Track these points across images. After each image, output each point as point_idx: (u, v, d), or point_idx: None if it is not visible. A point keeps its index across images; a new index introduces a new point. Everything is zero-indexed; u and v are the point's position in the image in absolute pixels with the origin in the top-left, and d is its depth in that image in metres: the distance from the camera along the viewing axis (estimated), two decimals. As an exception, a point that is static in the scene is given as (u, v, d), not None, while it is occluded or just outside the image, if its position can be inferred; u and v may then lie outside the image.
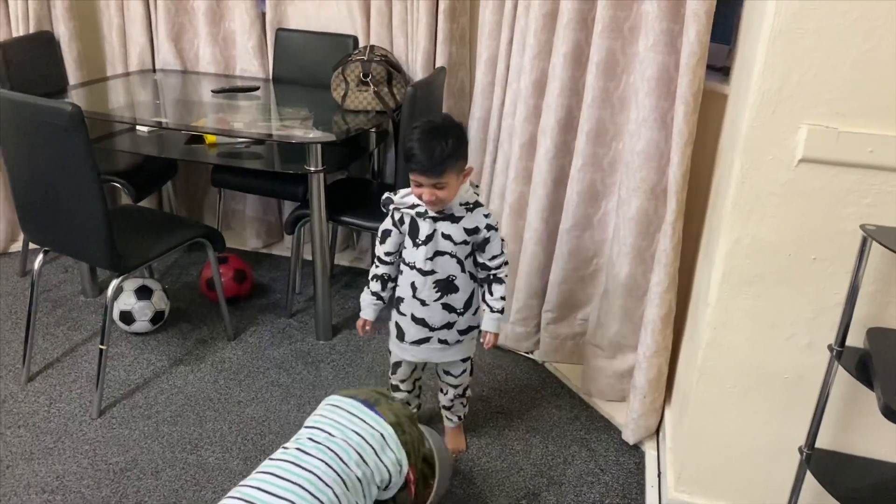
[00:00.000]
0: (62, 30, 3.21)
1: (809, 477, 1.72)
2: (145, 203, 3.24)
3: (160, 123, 2.73)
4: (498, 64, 2.66)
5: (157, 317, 2.80)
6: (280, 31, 3.22)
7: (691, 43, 1.99)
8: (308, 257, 2.84)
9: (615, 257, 2.36)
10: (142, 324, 2.78)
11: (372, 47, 2.88)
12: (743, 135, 1.67)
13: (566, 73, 2.35)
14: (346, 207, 2.79)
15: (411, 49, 2.98)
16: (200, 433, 2.35)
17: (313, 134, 2.58)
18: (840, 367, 1.62)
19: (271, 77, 3.29)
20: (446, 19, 2.86)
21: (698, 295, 2.12)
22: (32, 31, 3.16)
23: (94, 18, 3.37)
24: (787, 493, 1.81)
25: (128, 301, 2.74)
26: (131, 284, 2.76)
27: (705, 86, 2.09)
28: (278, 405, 2.49)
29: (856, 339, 1.67)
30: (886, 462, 1.77)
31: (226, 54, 3.34)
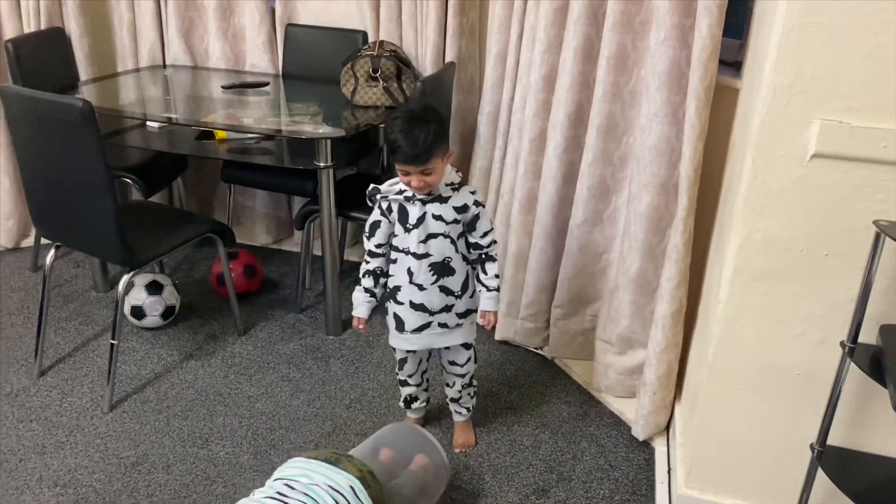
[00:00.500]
0: (73, 26, 3.22)
1: (821, 474, 1.71)
2: (156, 199, 3.25)
3: (170, 119, 2.74)
4: (508, 58, 2.66)
5: (167, 312, 2.81)
6: (290, 27, 3.22)
7: (703, 37, 1.98)
8: (318, 253, 2.84)
9: (626, 253, 2.35)
10: (152, 319, 2.79)
11: (381, 42, 2.87)
12: (755, 130, 1.66)
13: (576, 67, 2.34)
14: (356, 203, 2.79)
15: (421, 44, 2.97)
16: (211, 428, 2.36)
17: (323, 129, 2.58)
18: (852, 363, 1.61)
19: (281, 73, 3.29)
20: (456, 14, 2.86)
21: (709, 291, 2.11)
22: (44, 27, 3.18)
23: (104, 14, 3.38)
24: (798, 491, 1.80)
25: (139, 296, 2.75)
26: (142, 280, 2.77)
27: (717, 80, 2.08)
28: (288, 400, 2.50)
29: (868, 335, 1.65)
30: (899, 459, 1.76)
31: (236, 50, 3.35)
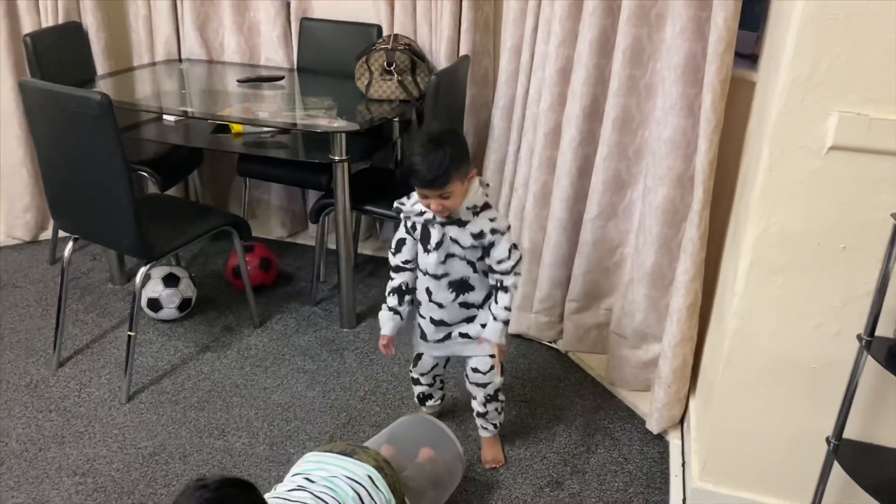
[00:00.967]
0: (90, 20, 3.24)
1: (836, 467, 1.71)
2: (172, 192, 3.27)
3: (186, 113, 2.75)
4: (522, 52, 2.65)
5: (184, 304, 2.84)
6: (304, 21, 3.22)
7: (719, 29, 1.97)
8: (332, 246, 2.86)
9: (640, 246, 2.35)
10: (169, 311, 2.82)
11: (396, 36, 2.88)
12: (771, 122, 1.65)
13: (592, 60, 2.33)
14: (370, 196, 2.80)
15: (435, 37, 2.97)
16: (227, 419, 2.38)
17: (337, 123, 2.59)
18: (869, 356, 1.60)
19: (296, 66, 3.30)
20: (470, 7, 2.85)
21: (725, 284, 2.10)
22: (61, 21, 3.20)
23: (121, 8, 3.39)
24: (814, 484, 1.80)
25: (155, 289, 2.77)
26: (159, 272, 2.80)
27: (733, 73, 2.07)
28: (303, 391, 2.52)
29: (885, 328, 1.65)
30: (916, 453, 1.76)
31: (251, 44, 3.36)
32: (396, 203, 1.97)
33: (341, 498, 1.58)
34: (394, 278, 2.06)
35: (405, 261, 2.02)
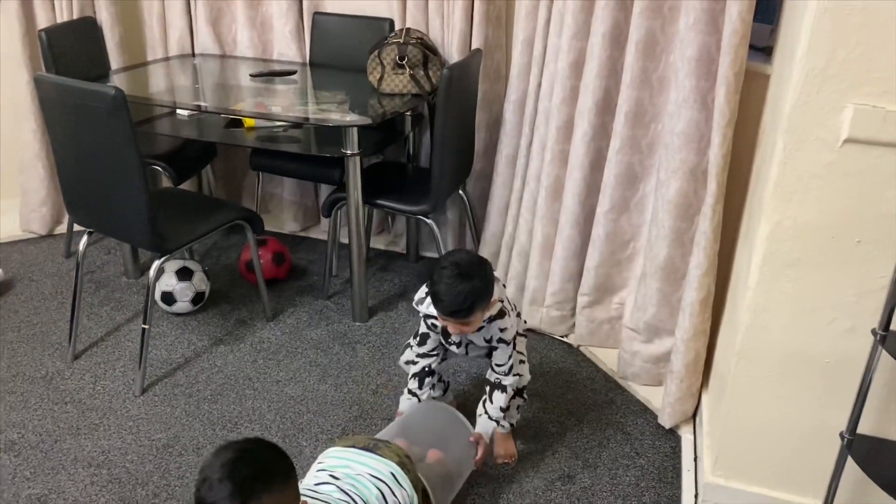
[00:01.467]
0: (104, 15, 3.26)
1: (850, 463, 1.69)
2: (185, 186, 3.29)
3: (200, 107, 2.77)
4: (535, 45, 2.64)
5: (197, 298, 2.85)
6: (317, 15, 3.23)
7: (733, 22, 1.96)
8: (344, 240, 2.86)
9: (653, 240, 2.34)
10: (183, 304, 2.83)
11: (408, 30, 2.87)
12: (786, 115, 1.64)
13: (604, 53, 2.32)
14: (382, 191, 2.80)
15: (447, 31, 2.97)
16: (240, 411, 2.39)
17: (350, 117, 2.59)
18: (884, 351, 1.59)
19: (308, 61, 3.31)
20: (482, 1, 2.84)
21: (738, 278, 2.09)
22: (76, 17, 3.22)
23: (134, 4, 3.41)
24: (827, 479, 1.78)
25: (169, 282, 2.79)
26: (172, 266, 2.81)
27: (747, 66, 2.06)
28: (316, 385, 2.53)
29: (900, 323, 1.64)
30: (931, 449, 1.74)
31: (263, 38, 3.37)
32: (414, 304, 2.06)
33: (365, 497, 1.60)
34: (417, 363, 2.16)
35: (431, 350, 2.14)
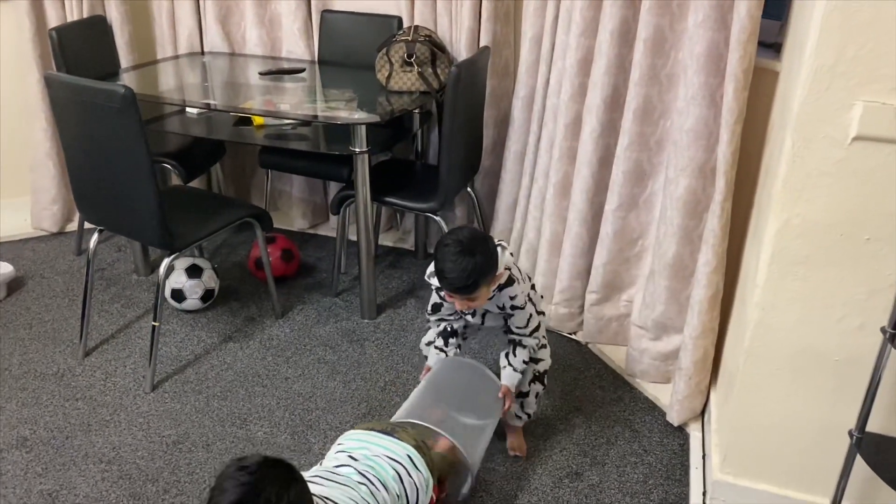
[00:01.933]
0: (114, 14, 3.28)
1: (859, 461, 1.69)
2: (195, 184, 3.31)
3: (209, 105, 2.78)
4: (543, 42, 2.64)
5: (207, 295, 2.87)
6: (325, 13, 3.23)
7: (742, 18, 1.95)
8: (353, 237, 2.87)
9: (662, 237, 2.34)
10: (192, 302, 2.85)
11: (416, 27, 2.88)
12: (794, 112, 1.63)
13: (613, 50, 2.32)
14: (390, 188, 2.81)
15: (455, 29, 2.97)
16: (249, 408, 2.40)
17: (358, 115, 2.60)
18: (893, 349, 1.58)
19: (317, 59, 3.32)
20: (491, -2, 2.85)
21: (746, 276, 2.09)
22: (86, 15, 3.24)
23: (144, 2, 3.43)
24: (836, 477, 1.78)
25: (179, 279, 2.81)
26: (182, 263, 2.83)
27: (756, 62, 2.05)
28: (325, 381, 2.54)
29: (910, 321, 1.63)
30: (940, 447, 1.73)
31: (272, 36, 3.38)
32: (427, 277, 2.06)
33: (382, 477, 1.63)
34: (438, 326, 2.18)
35: (448, 314, 2.15)
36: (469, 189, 3.04)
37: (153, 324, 2.47)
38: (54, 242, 3.46)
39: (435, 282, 2.02)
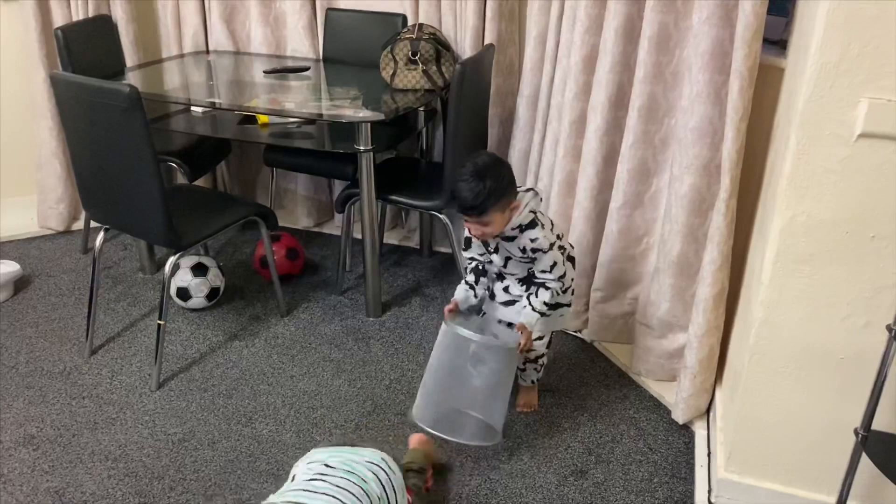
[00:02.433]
0: (119, 13, 3.29)
1: (864, 459, 1.68)
2: (200, 182, 3.32)
3: (214, 104, 2.78)
4: (547, 40, 2.64)
5: (212, 293, 2.88)
6: (330, 11, 3.24)
7: (747, 15, 1.94)
8: (358, 236, 2.87)
9: (667, 235, 2.33)
10: (198, 300, 2.86)
11: (421, 25, 2.88)
12: (799, 109, 1.63)
13: (617, 48, 2.31)
14: (395, 186, 2.81)
15: (460, 27, 2.97)
16: (255, 406, 2.41)
17: (363, 113, 2.60)
18: (899, 347, 1.58)
19: (321, 57, 3.32)
20: (495, -4, 2.84)
21: (751, 273, 2.08)
22: (91, 15, 3.25)
23: (149, 2, 3.44)
24: (841, 476, 1.77)
25: (184, 278, 2.82)
26: (187, 262, 2.84)
27: (761, 59, 2.04)
28: (330, 380, 2.54)
29: (916, 319, 1.62)
30: (947, 445, 1.73)
31: (277, 35, 3.38)
32: (457, 210, 2.10)
33: (360, 482, 1.61)
34: (470, 264, 2.23)
35: (478, 254, 2.21)
36: (474, 187, 3.03)
37: (159, 322, 2.47)
38: (60, 241, 3.47)
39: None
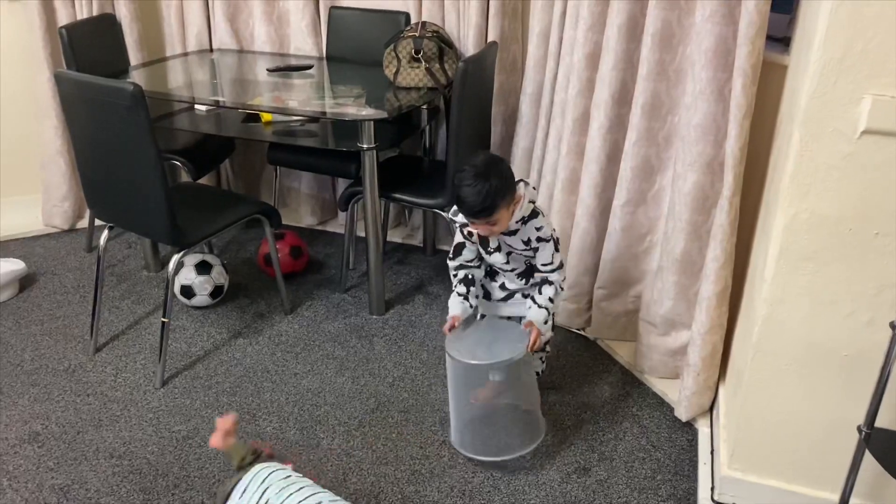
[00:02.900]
0: (123, 12, 3.30)
1: (868, 457, 1.68)
2: (204, 180, 3.32)
3: (218, 102, 2.79)
4: (551, 37, 2.64)
5: (216, 291, 2.88)
6: (333, 9, 3.24)
7: (750, 13, 1.94)
8: (361, 234, 2.88)
9: (670, 233, 2.33)
10: (202, 298, 2.86)
11: (424, 23, 2.88)
12: (802, 106, 1.63)
13: (621, 45, 2.31)
14: (399, 184, 2.81)
15: (463, 24, 2.97)
16: (258, 403, 2.42)
17: (366, 111, 2.60)
18: (902, 344, 1.58)
19: (324, 55, 3.32)
20: (498, -7, 2.84)
21: (755, 271, 2.08)
22: (95, 13, 3.25)
23: (153, 0, 3.44)
24: (844, 473, 1.77)
25: (188, 276, 2.82)
26: (192, 260, 2.84)
27: (764, 56, 2.04)
28: (333, 377, 2.55)
29: (919, 316, 1.62)
30: (950, 443, 1.73)
31: (280, 33, 3.39)
32: (450, 214, 2.09)
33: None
34: (458, 274, 2.17)
35: (468, 260, 2.15)
36: (477, 185, 3.04)
37: (163, 320, 2.48)
38: (65, 239, 3.48)
39: (459, 219, 2.05)
